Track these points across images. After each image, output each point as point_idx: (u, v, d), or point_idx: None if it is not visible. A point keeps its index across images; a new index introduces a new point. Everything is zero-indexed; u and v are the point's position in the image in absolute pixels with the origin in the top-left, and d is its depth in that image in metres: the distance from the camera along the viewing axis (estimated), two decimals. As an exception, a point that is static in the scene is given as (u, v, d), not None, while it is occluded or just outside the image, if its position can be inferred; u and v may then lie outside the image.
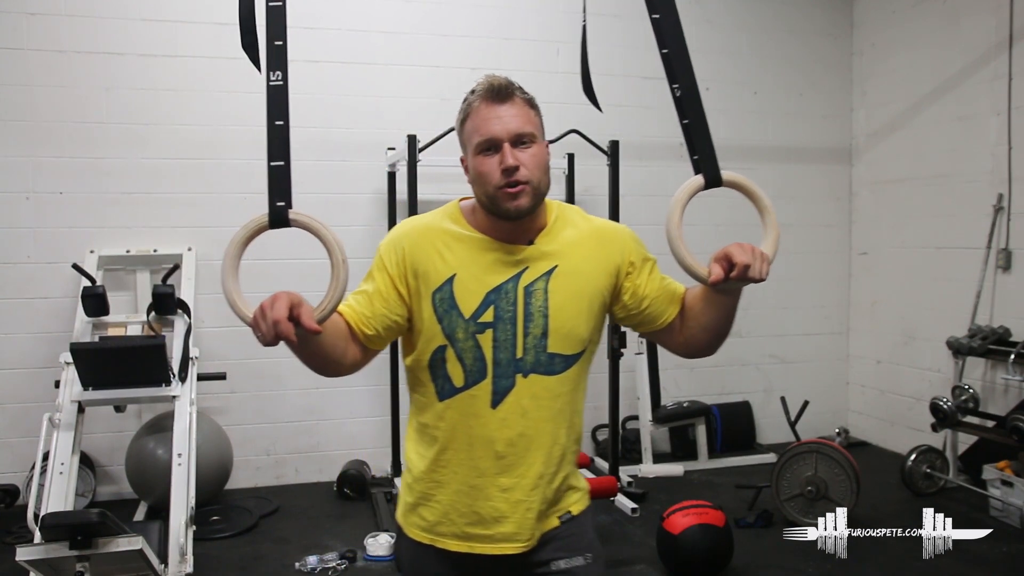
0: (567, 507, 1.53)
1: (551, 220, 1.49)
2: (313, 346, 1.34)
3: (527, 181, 1.38)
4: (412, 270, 1.44)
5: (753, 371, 5.26)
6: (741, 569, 3.29)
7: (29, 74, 4.06)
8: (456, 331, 1.41)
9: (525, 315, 1.41)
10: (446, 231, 1.46)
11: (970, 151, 4.47)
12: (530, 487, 1.45)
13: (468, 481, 1.45)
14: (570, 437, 1.50)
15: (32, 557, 2.44)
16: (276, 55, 1.30)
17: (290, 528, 3.81)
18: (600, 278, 1.47)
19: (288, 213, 1.30)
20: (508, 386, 1.42)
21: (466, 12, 4.60)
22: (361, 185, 4.47)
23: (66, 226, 4.12)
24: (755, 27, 5.14)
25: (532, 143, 1.40)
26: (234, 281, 1.29)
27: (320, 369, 1.42)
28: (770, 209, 1.42)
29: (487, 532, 1.45)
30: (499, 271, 1.43)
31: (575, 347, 1.45)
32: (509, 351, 1.41)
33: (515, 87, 1.42)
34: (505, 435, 1.43)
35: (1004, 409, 4.08)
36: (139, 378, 3.45)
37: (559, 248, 1.46)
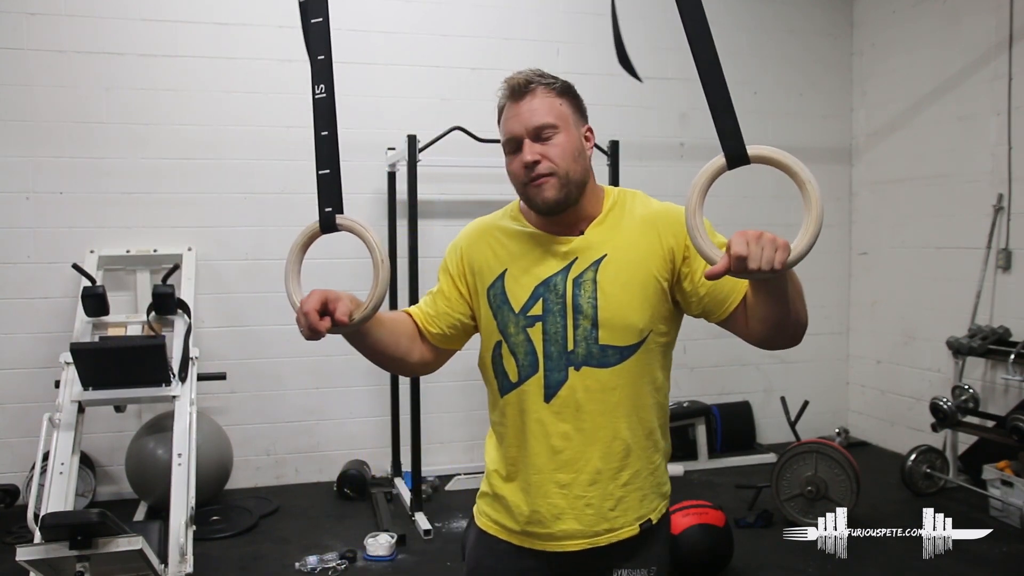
0: (648, 513, 1.48)
1: (606, 208, 1.46)
2: (370, 342, 1.39)
3: (551, 173, 1.37)
4: (470, 268, 1.49)
5: (753, 371, 5.26)
6: (741, 569, 3.29)
7: (29, 74, 4.06)
8: (508, 325, 1.43)
9: (574, 307, 1.39)
10: (502, 228, 1.50)
11: (970, 151, 4.47)
12: (588, 482, 1.42)
13: (527, 478, 1.45)
14: (636, 432, 1.44)
15: (32, 557, 2.43)
16: (320, 69, 1.35)
17: (290, 528, 3.81)
18: (653, 262, 1.40)
19: (336, 218, 1.35)
20: (561, 380, 1.40)
21: (466, 12, 4.60)
22: (361, 185, 4.47)
23: (66, 226, 4.12)
24: (755, 27, 5.14)
25: (556, 133, 1.39)
26: (295, 284, 1.35)
27: (383, 365, 1.48)
28: (810, 184, 1.19)
29: (547, 531, 1.44)
30: (548, 264, 1.43)
31: (629, 338, 1.40)
32: (560, 344, 1.40)
33: (536, 80, 1.41)
34: (560, 429, 1.41)
35: (1004, 409, 4.08)
36: (139, 378, 3.44)
37: (610, 237, 1.43)
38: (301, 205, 4.35)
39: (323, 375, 4.42)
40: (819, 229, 1.18)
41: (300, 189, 4.38)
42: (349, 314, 1.27)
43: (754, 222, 5.13)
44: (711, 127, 1.30)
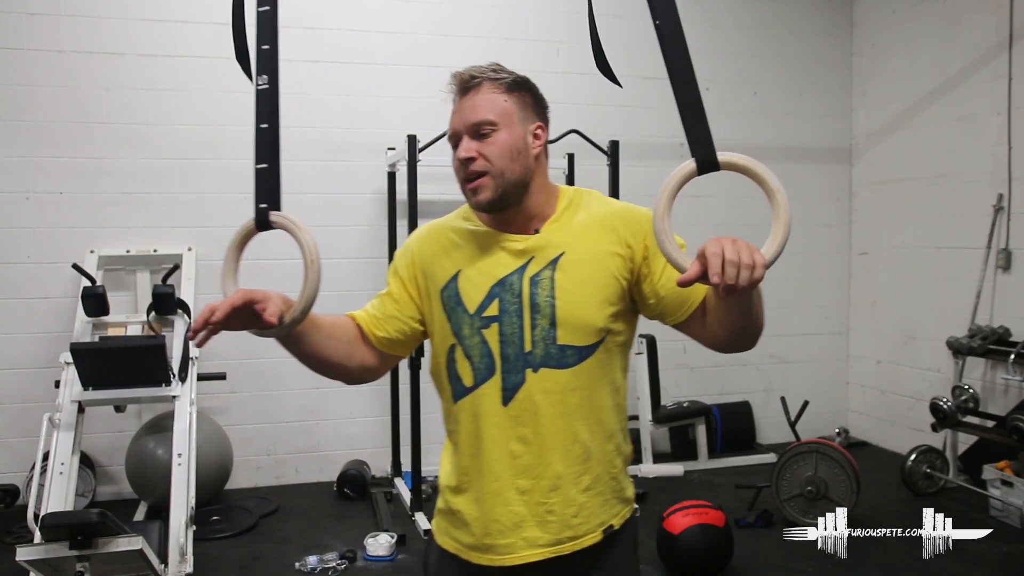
0: (610, 520, 1.43)
1: (561, 207, 1.42)
2: (305, 347, 1.33)
3: (484, 172, 1.34)
4: (421, 271, 1.44)
5: (753, 371, 5.26)
6: (741, 569, 3.29)
7: (29, 74, 4.06)
8: (463, 327, 1.38)
9: (532, 306, 1.35)
10: (454, 228, 1.45)
11: (970, 151, 4.47)
12: (549, 488, 1.36)
13: (484, 487, 1.38)
14: (597, 435, 1.39)
15: (32, 557, 2.43)
16: (264, 59, 1.30)
17: (290, 528, 3.81)
18: (611, 261, 1.37)
19: (270, 215, 1.28)
20: (518, 382, 1.35)
21: (466, 12, 4.61)
22: (361, 185, 4.47)
23: (66, 226, 4.12)
24: (755, 27, 5.14)
25: (494, 131, 1.34)
26: (232, 284, 1.30)
27: (322, 371, 1.40)
28: (779, 193, 1.18)
29: (506, 541, 1.37)
30: (504, 263, 1.38)
31: (588, 337, 1.36)
32: (517, 345, 1.35)
33: (483, 75, 1.38)
34: (518, 433, 1.36)
35: (1004, 409, 4.08)
36: (139, 378, 3.45)
37: (568, 235, 1.39)
38: (301, 205, 4.35)
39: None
40: (787, 236, 1.17)
41: (300, 189, 4.38)
42: (279, 316, 1.20)
43: (754, 222, 5.12)
44: (711, 127, 1.28)
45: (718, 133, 1.27)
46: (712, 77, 4.99)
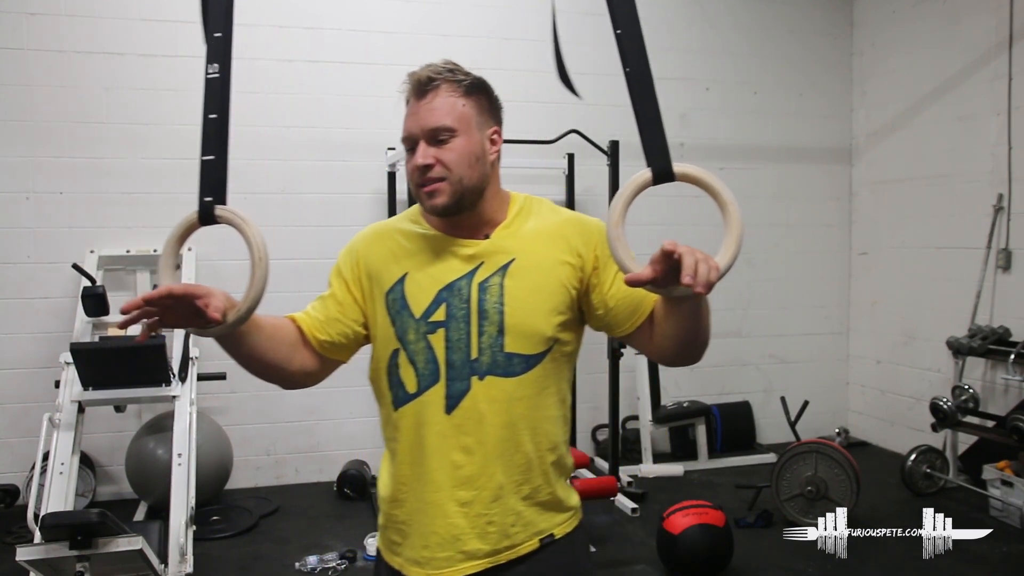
0: (549, 528, 1.39)
1: (512, 213, 1.40)
2: (246, 348, 1.28)
3: (442, 178, 1.31)
4: (366, 273, 1.39)
5: (753, 371, 5.26)
6: (741, 569, 3.29)
7: (29, 74, 4.06)
8: (407, 332, 1.34)
9: (479, 312, 1.32)
10: (401, 231, 1.42)
11: (970, 151, 4.47)
12: (490, 499, 1.33)
13: (424, 498, 1.34)
14: (539, 445, 1.36)
15: (32, 557, 2.43)
16: (215, 47, 1.27)
17: (290, 528, 3.81)
18: (562, 270, 1.35)
19: (215, 209, 1.24)
20: (463, 390, 1.32)
21: (466, 12, 4.61)
22: (361, 185, 4.47)
23: (66, 226, 4.12)
24: (755, 27, 5.14)
25: (452, 137, 1.31)
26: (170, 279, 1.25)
27: (262, 374, 1.35)
28: (732, 206, 1.18)
29: (445, 554, 1.34)
30: (453, 268, 1.35)
31: (536, 346, 1.33)
32: (463, 352, 1.32)
33: (441, 77, 1.34)
34: (461, 443, 1.32)
35: (1004, 409, 4.08)
36: (139, 378, 3.45)
37: (518, 241, 1.36)
38: (301, 205, 4.36)
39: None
40: (739, 248, 1.16)
41: (300, 189, 4.38)
42: (223, 312, 1.16)
43: (754, 222, 5.13)
44: (711, 127, 1.29)
45: (718, 133, 1.27)
46: (712, 77, 4.99)
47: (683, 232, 4.77)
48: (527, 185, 5.64)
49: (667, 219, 4.63)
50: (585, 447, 4.81)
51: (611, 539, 3.64)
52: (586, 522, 1.49)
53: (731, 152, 5.02)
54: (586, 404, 4.80)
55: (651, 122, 1.22)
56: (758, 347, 5.24)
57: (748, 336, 5.21)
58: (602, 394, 4.39)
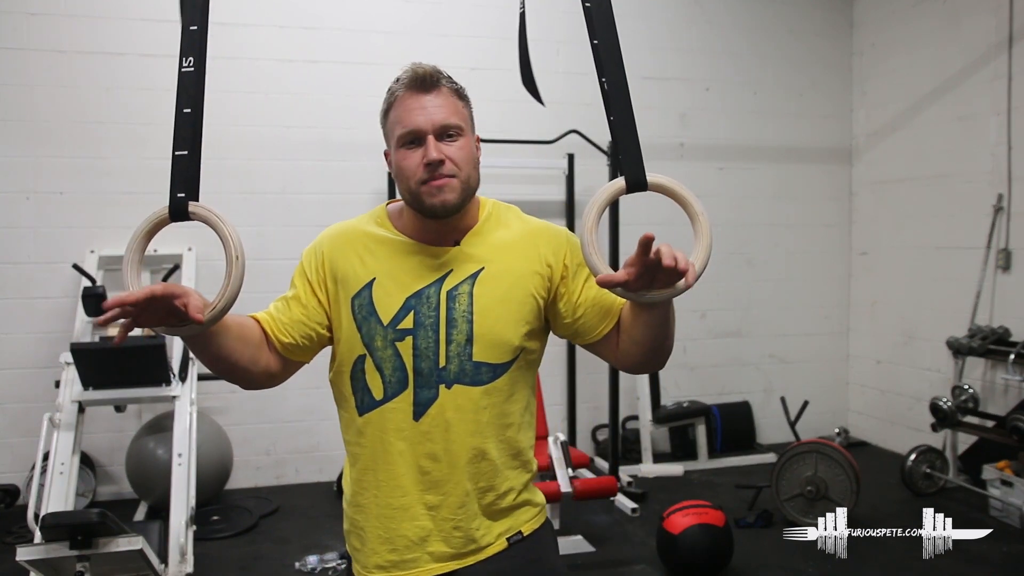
0: (516, 526, 1.41)
1: (481, 219, 1.39)
2: (213, 348, 1.26)
3: (453, 175, 1.29)
4: (332, 275, 1.36)
5: (753, 371, 5.26)
6: (741, 569, 3.29)
7: (29, 74, 4.06)
8: (375, 339, 1.33)
9: (448, 321, 1.32)
10: (368, 234, 1.38)
11: (970, 151, 4.47)
12: (457, 505, 1.35)
13: (391, 502, 1.35)
14: (503, 451, 1.37)
15: (32, 557, 2.43)
16: (189, 40, 1.26)
17: (290, 528, 3.81)
18: (531, 279, 1.35)
19: (188, 205, 1.23)
20: (431, 397, 1.32)
21: (466, 12, 4.61)
22: (361, 185, 4.47)
23: (66, 226, 4.12)
24: (755, 27, 5.14)
25: (459, 136, 1.31)
26: (136, 277, 1.23)
27: (227, 374, 1.33)
28: (702, 217, 1.22)
29: (412, 556, 1.35)
30: (421, 275, 1.34)
31: (504, 355, 1.34)
32: (431, 360, 1.32)
33: (443, 76, 1.33)
34: (428, 450, 1.33)
35: (1004, 409, 4.08)
36: (139, 378, 3.45)
37: (487, 249, 1.36)
38: (301, 205, 4.35)
39: (323, 375, 4.40)
40: (708, 258, 1.19)
41: (300, 189, 4.38)
42: (202, 311, 1.14)
43: (754, 222, 5.13)
44: (711, 127, 1.30)
45: (718, 133, 1.28)
46: (712, 77, 4.99)
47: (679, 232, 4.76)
48: (527, 185, 5.65)
49: (666, 219, 4.63)
50: (585, 447, 4.81)
51: (611, 539, 3.64)
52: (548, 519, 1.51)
53: (731, 152, 5.02)
54: (586, 404, 4.80)
55: (626, 132, 1.24)
56: (758, 347, 5.24)
57: (748, 336, 5.21)
58: (602, 394, 4.38)
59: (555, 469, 3.44)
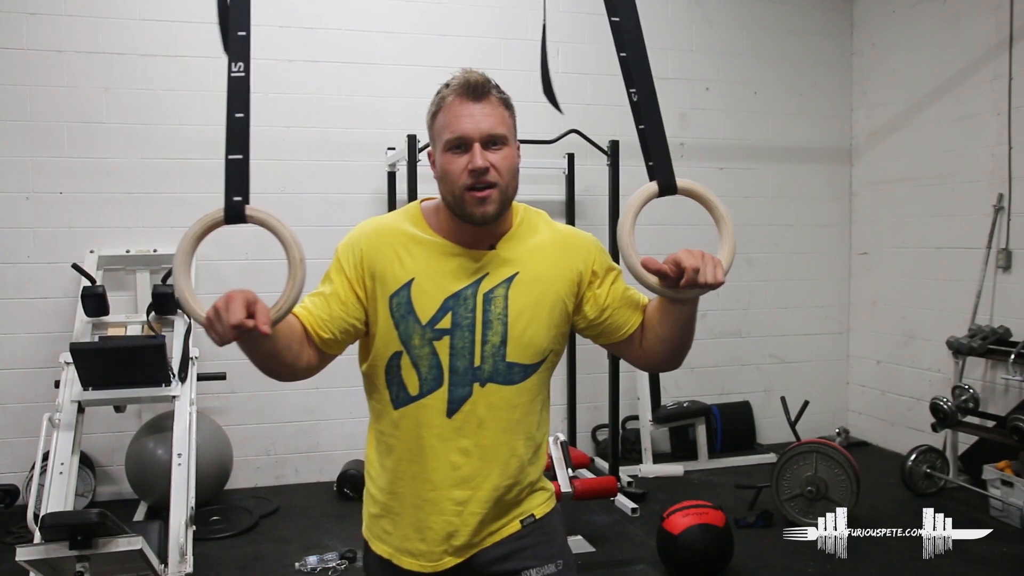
0: (529, 509, 1.48)
1: (516, 223, 1.44)
2: (267, 348, 1.29)
3: (495, 184, 1.33)
4: (370, 272, 1.40)
5: (753, 371, 5.26)
6: (741, 569, 3.29)
7: (29, 74, 4.06)
8: (412, 337, 1.37)
9: (484, 322, 1.37)
10: (405, 233, 1.42)
11: (970, 151, 4.47)
12: (484, 499, 1.41)
13: (421, 495, 1.40)
14: (528, 449, 1.45)
15: (32, 557, 2.43)
16: (239, 46, 1.28)
17: (290, 528, 3.81)
18: (562, 285, 1.42)
19: (245, 208, 1.27)
20: (465, 395, 1.38)
21: (466, 12, 4.61)
22: (361, 185, 4.47)
23: (66, 226, 4.12)
24: (755, 27, 5.14)
25: (504, 145, 1.35)
26: (186, 279, 1.25)
27: (272, 372, 1.37)
28: (726, 218, 1.34)
29: (438, 548, 1.41)
30: (459, 277, 1.38)
31: (535, 356, 1.41)
32: (467, 359, 1.37)
33: (492, 85, 1.37)
34: (460, 445, 1.39)
35: (1004, 409, 4.07)
36: (139, 378, 3.44)
37: (521, 254, 1.41)
38: (301, 205, 4.35)
39: (323, 375, 4.34)
40: (732, 258, 1.33)
41: (300, 189, 4.38)
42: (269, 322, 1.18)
43: (754, 222, 5.13)
44: (711, 127, 1.33)
45: (718, 133, 1.32)
46: (712, 77, 4.99)
47: (683, 232, 4.77)
48: (527, 185, 5.62)
49: (667, 219, 4.63)
50: (585, 447, 4.81)
51: (611, 539, 3.64)
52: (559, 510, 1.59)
53: (731, 152, 5.02)
54: (586, 404, 4.79)
55: (657, 140, 1.35)
56: (758, 347, 5.24)
57: (748, 336, 5.21)
58: (602, 394, 4.38)
59: (555, 469, 3.44)
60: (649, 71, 1.30)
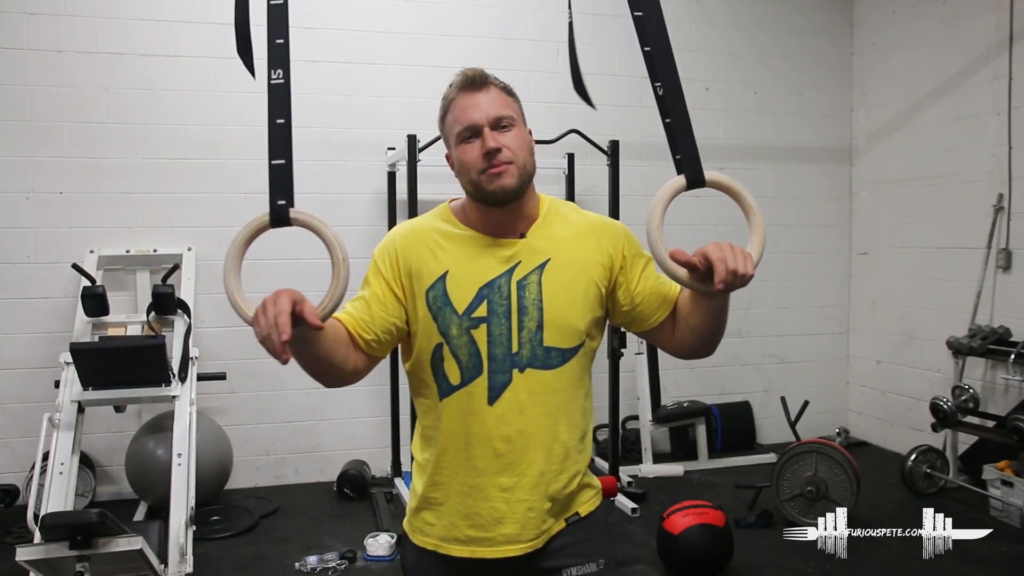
0: (575, 508, 1.50)
1: (543, 213, 1.48)
2: (314, 349, 1.32)
3: (510, 161, 1.38)
4: (406, 271, 1.44)
5: (753, 371, 5.26)
6: (741, 569, 3.29)
7: (29, 74, 4.06)
8: (450, 327, 1.40)
9: (519, 308, 1.40)
10: (437, 230, 1.47)
11: (970, 151, 4.47)
12: (531, 486, 1.42)
13: (468, 482, 1.42)
14: (572, 434, 1.46)
15: (32, 557, 2.43)
16: (277, 53, 1.30)
17: (290, 528, 3.81)
18: (594, 269, 1.45)
19: (289, 212, 1.30)
20: (505, 382, 1.40)
21: (466, 12, 4.61)
22: (361, 185, 4.48)
23: (66, 226, 4.12)
24: (755, 27, 5.14)
25: (513, 125, 1.40)
26: (236, 280, 1.28)
27: (322, 375, 1.39)
28: (756, 210, 1.36)
29: (488, 535, 1.42)
30: (491, 266, 1.42)
31: (572, 340, 1.43)
32: (505, 346, 1.40)
33: (490, 76, 1.43)
34: (503, 432, 1.40)
35: (1004, 409, 4.08)
36: (139, 378, 3.45)
37: (552, 241, 1.45)
38: (301, 205, 4.34)
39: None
40: (763, 249, 1.33)
41: (300, 189, 4.36)
42: (317, 317, 1.20)
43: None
44: (711, 127, 1.33)
45: (718, 133, 1.32)
46: (712, 77, 4.99)
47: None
48: (527, 185, 5.54)
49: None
50: (585, 447, 4.81)
51: (611, 539, 3.64)
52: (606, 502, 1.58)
53: (731, 152, 5.02)
54: (586, 404, 4.79)
55: (684, 133, 1.36)
56: (758, 347, 5.24)
57: (748, 336, 5.21)
58: (602, 394, 4.38)
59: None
60: (674, 65, 1.31)
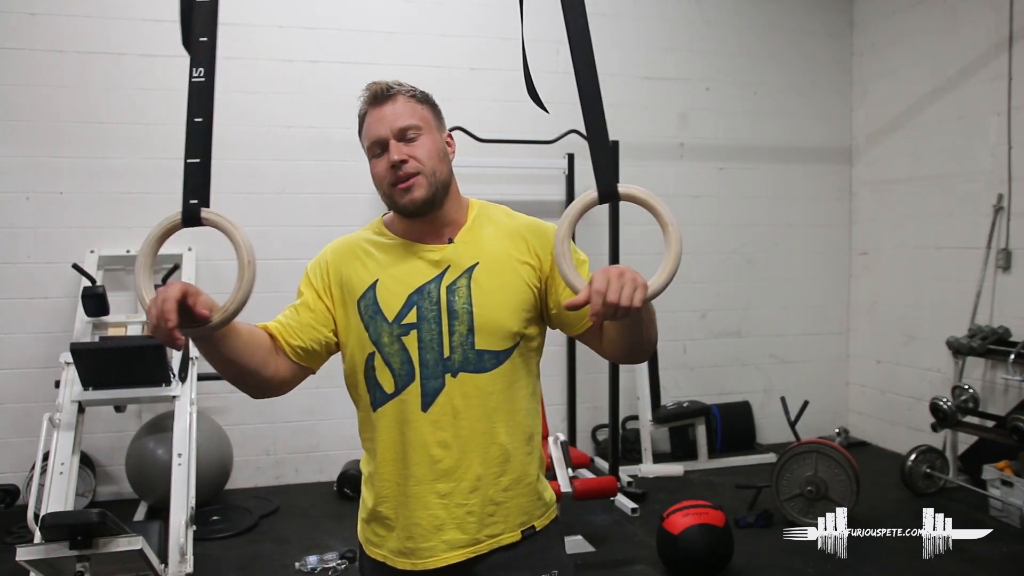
0: (531, 521, 1.47)
1: (471, 217, 1.48)
2: (224, 349, 1.31)
3: (417, 172, 1.38)
4: (336, 281, 1.45)
5: (753, 371, 5.26)
6: (741, 569, 3.29)
7: (29, 74, 4.06)
8: (382, 335, 1.40)
9: (449, 313, 1.39)
10: (368, 240, 1.48)
11: (970, 151, 4.47)
12: (469, 490, 1.40)
13: (405, 491, 1.41)
14: (514, 436, 1.44)
15: (32, 557, 2.43)
16: (201, 51, 1.31)
17: (290, 528, 3.81)
18: (524, 270, 1.43)
19: (201, 211, 1.29)
20: (438, 387, 1.39)
21: (466, 12, 4.60)
22: (361, 185, 4.46)
23: (66, 226, 4.12)
24: (755, 27, 5.14)
25: (420, 134, 1.40)
26: (148, 280, 1.27)
27: (239, 379, 1.39)
28: (672, 227, 1.22)
29: (428, 544, 1.41)
30: (421, 272, 1.42)
31: (505, 342, 1.41)
32: (436, 351, 1.39)
33: (398, 87, 1.43)
34: (439, 438, 1.39)
35: (1004, 409, 4.07)
36: (139, 378, 3.45)
37: (480, 245, 1.44)
38: (301, 205, 4.36)
39: (323, 375, 4.36)
40: (676, 269, 1.21)
41: (300, 189, 4.38)
42: (211, 310, 1.20)
43: (754, 221, 5.13)
44: (710, 127, 1.31)
45: (718, 133, 1.29)
46: (712, 77, 4.99)
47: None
48: (527, 185, 5.65)
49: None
50: (585, 447, 4.81)
51: (611, 539, 3.64)
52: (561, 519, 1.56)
53: (731, 152, 5.02)
54: (586, 404, 4.80)
55: (599, 143, 1.29)
56: (758, 347, 5.24)
57: (748, 336, 5.21)
58: (602, 394, 4.38)
59: (555, 469, 3.44)
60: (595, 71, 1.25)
